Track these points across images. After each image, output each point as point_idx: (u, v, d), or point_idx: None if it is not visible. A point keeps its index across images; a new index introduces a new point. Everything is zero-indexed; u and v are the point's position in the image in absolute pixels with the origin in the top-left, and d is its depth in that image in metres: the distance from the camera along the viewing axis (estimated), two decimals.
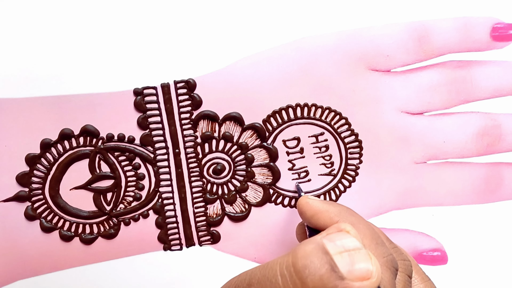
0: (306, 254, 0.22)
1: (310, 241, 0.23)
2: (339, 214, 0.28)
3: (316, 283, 0.22)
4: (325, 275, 0.22)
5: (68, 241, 0.34)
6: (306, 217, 0.29)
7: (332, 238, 0.23)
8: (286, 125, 0.34)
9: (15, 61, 0.32)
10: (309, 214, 0.29)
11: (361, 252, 0.22)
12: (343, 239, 0.23)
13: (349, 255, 0.22)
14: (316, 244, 0.23)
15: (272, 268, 0.23)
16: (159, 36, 0.33)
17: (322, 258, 0.22)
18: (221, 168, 0.35)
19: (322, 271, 0.22)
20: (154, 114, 0.34)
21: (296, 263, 0.22)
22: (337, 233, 0.23)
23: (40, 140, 0.33)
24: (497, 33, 0.35)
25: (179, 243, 0.35)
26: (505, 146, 0.36)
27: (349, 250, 0.22)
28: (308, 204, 0.29)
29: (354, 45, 0.34)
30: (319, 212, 0.28)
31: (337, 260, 0.22)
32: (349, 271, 0.22)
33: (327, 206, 0.28)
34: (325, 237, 0.23)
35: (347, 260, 0.22)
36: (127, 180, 0.34)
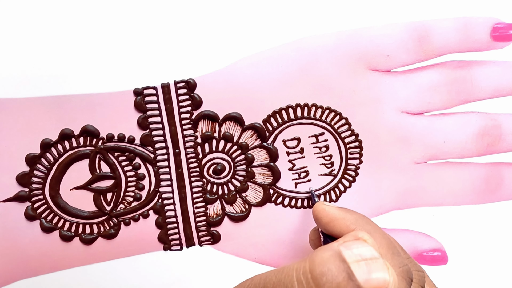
0: (324, 261, 0.22)
1: (327, 248, 0.23)
2: (355, 222, 0.28)
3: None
4: (342, 283, 0.22)
5: (68, 241, 0.34)
6: (322, 223, 0.29)
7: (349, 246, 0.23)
8: (286, 125, 0.34)
9: (15, 61, 0.32)
10: (325, 220, 0.29)
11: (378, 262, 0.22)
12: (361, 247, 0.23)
13: (366, 264, 0.22)
14: (333, 252, 0.23)
15: (288, 273, 0.23)
16: (159, 36, 0.33)
17: (339, 266, 0.22)
18: (221, 168, 0.35)
19: (340, 279, 0.22)
20: (154, 114, 0.34)
21: (314, 270, 0.22)
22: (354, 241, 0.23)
23: (40, 140, 0.33)
24: (497, 33, 0.35)
25: (179, 243, 0.35)
26: (505, 146, 0.36)
27: (366, 259, 0.22)
28: (325, 211, 0.29)
29: (354, 45, 0.34)
30: (336, 219, 0.28)
31: (354, 268, 0.22)
32: (366, 280, 0.22)
33: (343, 214, 0.28)
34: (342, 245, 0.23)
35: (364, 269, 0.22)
36: (127, 180, 0.34)
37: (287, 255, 0.35)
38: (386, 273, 0.22)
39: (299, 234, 0.35)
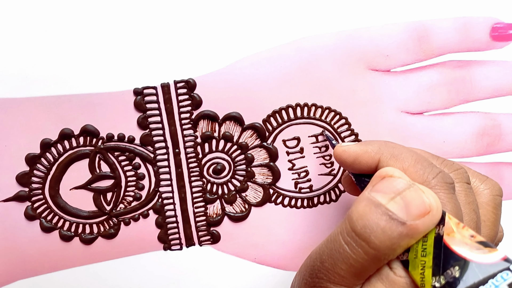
0: (361, 214, 0.22)
1: (360, 200, 0.23)
2: (378, 150, 0.27)
3: (380, 238, 0.22)
4: (387, 226, 0.21)
5: (68, 241, 0.34)
6: (348, 165, 0.28)
7: (378, 188, 0.23)
8: (286, 125, 0.34)
9: (15, 61, 0.32)
10: (349, 161, 0.27)
11: (412, 190, 0.22)
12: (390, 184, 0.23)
13: (401, 198, 0.22)
14: (366, 201, 0.23)
15: (336, 239, 0.23)
16: (159, 36, 0.33)
17: (376, 211, 0.22)
18: (221, 168, 0.35)
19: (382, 224, 0.22)
20: (154, 114, 0.34)
21: (355, 227, 0.22)
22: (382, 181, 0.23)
23: (40, 140, 0.33)
24: (496, 33, 0.35)
25: (179, 243, 0.35)
26: (505, 146, 0.36)
27: (400, 193, 0.22)
28: (345, 152, 0.28)
29: (353, 45, 0.34)
30: (359, 155, 0.27)
31: (391, 207, 0.22)
32: (408, 213, 0.21)
33: (364, 147, 0.27)
34: (372, 190, 0.23)
35: (401, 203, 0.22)
36: (127, 180, 0.34)
37: (287, 255, 0.35)
38: (423, 197, 0.22)
39: (299, 234, 0.35)
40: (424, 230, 0.22)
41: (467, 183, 0.26)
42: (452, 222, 0.22)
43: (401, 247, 0.22)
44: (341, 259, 0.23)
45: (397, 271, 0.23)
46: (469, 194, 0.26)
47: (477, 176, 0.28)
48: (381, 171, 0.24)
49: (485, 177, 0.28)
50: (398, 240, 0.22)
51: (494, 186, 0.28)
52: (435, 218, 0.22)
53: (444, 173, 0.25)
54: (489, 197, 0.27)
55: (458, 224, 0.22)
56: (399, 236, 0.21)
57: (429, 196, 0.22)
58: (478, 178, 0.28)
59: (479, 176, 0.28)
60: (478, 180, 0.28)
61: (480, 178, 0.28)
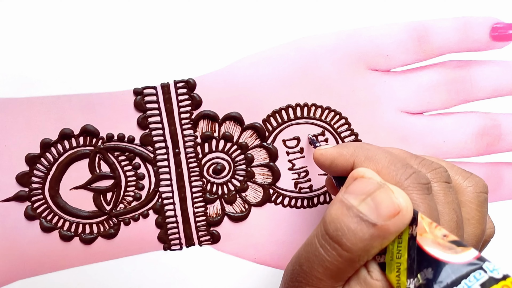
0: (333, 217, 0.22)
1: (333, 202, 0.23)
2: (353, 153, 0.27)
3: (352, 240, 0.21)
4: (358, 228, 0.21)
5: (68, 241, 0.34)
6: (326, 167, 0.28)
7: (351, 190, 0.23)
8: (286, 125, 0.34)
9: (15, 61, 0.32)
10: (327, 164, 0.28)
11: (382, 190, 0.22)
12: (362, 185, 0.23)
13: (372, 199, 0.22)
14: (339, 203, 0.23)
15: (312, 242, 0.23)
16: (159, 36, 0.33)
17: (348, 214, 0.22)
18: (221, 168, 0.35)
19: (353, 226, 0.22)
20: (154, 114, 0.34)
21: (328, 230, 0.22)
22: (354, 182, 0.23)
23: (40, 140, 0.33)
24: (496, 33, 0.35)
25: (179, 243, 0.35)
26: (505, 146, 0.36)
27: (370, 194, 0.22)
28: (323, 155, 0.28)
29: (353, 45, 0.34)
30: (335, 158, 0.27)
31: (362, 209, 0.22)
32: (378, 214, 0.21)
33: (340, 150, 0.27)
34: (345, 192, 0.23)
35: (372, 205, 0.22)
36: (127, 180, 0.34)
37: (287, 255, 0.35)
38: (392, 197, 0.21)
39: (299, 234, 0.35)
40: (395, 231, 0.21)
41: (446, 182, 0.26)
42: (424, 222, 0.21)
43: (374, 248, 0.22)
44: (317, 262, 0.23)
45: (373, 274, 0.23)
46: (448, 194, 0.25)
47: (460, 173, 0.28)
48: (354, 172, 0.24)
49: (469, 173, 0.28)
50: (370, 242, 0.21)
51: (477, 183, 0.27)
52: (405, 218, 0.21)
53: (418, 174, 0.24)
54: (472, 195, 0.27)
55: (430, 224, 0.22)
56: (371, 237, 0.21)
57: (398, 196, 0.22)
58: (462, 175, 0.27)
59: (462, 173, 0.28)
60: (461, 177, 0.27)
61: (463, 175, 0.27)
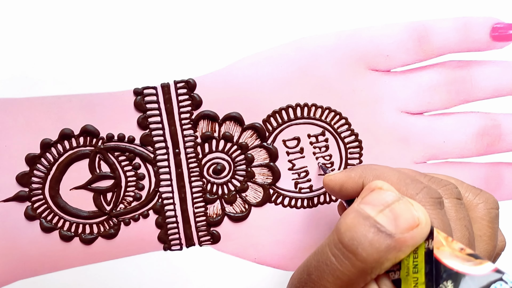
0: (348, 226, 0.22)
1: (348, 212, 0.23)
2: (361, 174, 0.27)
3: (368, 250, 0.21)
4: (374, 239, 0.21)
5: (68, 241, 0.34)
6: (336, 192, 0.28)
7: (367, 200, 0.23)
8: (286, 125, 0.34)
9: (15, 61, 0.32)
10: (336, 189, 0.28)
11: (401, 202, 0.22)
12: (379, 196, 0.22)
13: (390, 210, 0.22)
14: (355, 213, 0.22)
15: (323, 251, 0.23)
16: (159, 36, 0.33)
17: (365, 223, 0.22)
18: (221, 168, 0.35)
19: (370, 236, 0.21)
20: (154, 114, 0.34)
21: (343, 239, 0.22)
22: (371, 193, 0.23)
23: (40, 140, 0.33)
24: (496, 33, 0.35)
25: (179, 243, 0.35)
26: (505, 146, 0.36)
27: (388, 205, 0.22)
28: (332, 180, 0.28)
29: (354, 45, 0.34)
30: (344, 182, 0.27)
31: (380, 219, 0.22)
32: (396, 226, 0.21)
33: (348, 173, 0.27)
34: (361, 202, 0.23)
35: (390, 216, 0.22)
36: (127, 180, 0.34)
37: (287, 255, 0.35)
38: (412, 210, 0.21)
39: (299, 234, 0.35)
40: (412, 244, 0.21)
41: (458, 198, 0.26)
42: (440, 236, 0.22)
43: (388, 260, 0.22)
44: (328, 271, 0.22)
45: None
46: (459, 210, 0.25)
47: (470, 190, 0.28)
48: (371, 184, 0.24)
49: (479, 190, 0.28)
50: (385, 253, 0.21)
51: (488, 199, 0.27)
52: (423, 231, 0.21)
53: (429, 188, 0.24)
54: (484, 211, 0.27)
55: (446, 238, 0.22)
56: (387, 249, 0.21)
57: (418, 209, 0.22)
58: (472, 191, 0.28)
59: (472, 190, 0.28)
60: (472, 194, 0.28)
61: (474, 192, 0.28)
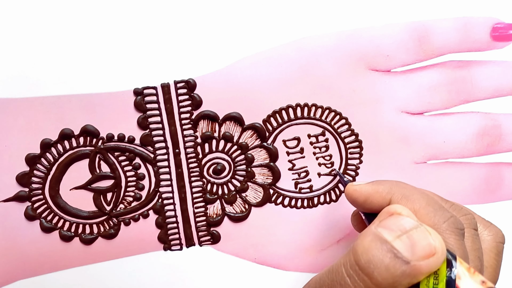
0: (366, 249, 0.22)
1: (366, 234, 0.23)
2: (390, 190, 0.27)
3: (383, 274, 0.22)
4: (390, 264, 0.22)
5: (68, 241, 0.34)
6: (359, 204, 0.28)
7: (386, 224, 0.23)
8: (286, 125, 0.34)
9: (15, 61, 0.32)
10: (360, 200, 0.28)
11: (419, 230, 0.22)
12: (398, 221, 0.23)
13: (408, 237, 0.22)
14: (373, 235, 0.23)
15: (338, 271, 0.23)
16: (159, 36, 0.33)
17: (382, 248, 0.22)
18: (221, 168, 0.35)
19: (386, 261, 0.22)
20: (154, 114, 0.34)
21: (359, 261, 0.22)
22: (389, 218, 0.23)
23: (40, 140, 0.33)
24: (497, 33, 0.35)
25: (179, 243, 0.35)
26: (505, 146, 0.36)
27: (406, 232, 0.22)
28: (357, 191, 0.28)
29: (354, 45, 0.34)
30: (370, 195, 0.27)
31: (397, 245, 0.22)
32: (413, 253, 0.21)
33: (376, 187, 0.27)
34: (379, 225, 0.23)
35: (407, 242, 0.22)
36: (127, 180, 0.34)
37: (287, 256, 0.35)
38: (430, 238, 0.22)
39: (299, 234, 0.35)
40: (427, 272, 0.22)
41: (475, 229, 0.26)
42: (463, 266, 0.22)
43: (401, 285, 0.22)
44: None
45: None
46: (475, 241, 0.26)
47: (481, 222, 0.28)
48: (390, 208, 0.24)
49: (489, 223, 0.28)
50: (400, 279, 0.22)
51: (497, 233, 0.28)
52: (439, 260, 0.22)
53: (455, 218, 0.25)
54: (492, 244, 0.27)
55: (469, 269, 0.22)
56: (402, 274, 0.21)
57: (435, 238, 0.22)
58: (483, 224, 0.28)
59: (483, 222, 0.28)
60: (482, 226, 0.28)
61: (484, 224, 0.28)
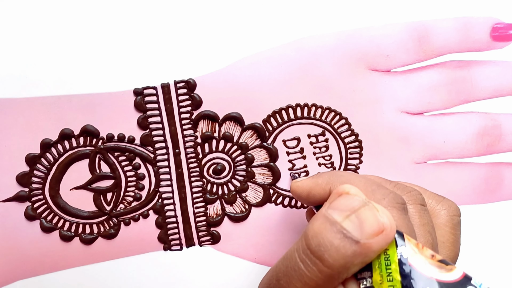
0: (316, 232, 0.22)
1: (316, 217, 0.23)
2: (328, 181, 0.27)
3: (334, 256, 0.21)
4: (340, 245, 0.21)
5: (68, 241, 0.34)
6: (303, 198, 0.28)
7: (335, 205, 0.23)
8: (286, 125, 0.34)
9: (15, 61, 0.32)
10: (304, 195, 0.28)
11: (367, 208, 0.22)
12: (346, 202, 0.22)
13: (356, 216, 0.22)
14: (322, 218, 0.22)
15: (292, 257, 0.23)
16: (159, 36, 0.33)
17: (331, 229, 0.22)
18: (221, 168, 0.35)
19: (336, 242, 0.21)
20: (154, 114, 0.34)
21: (310, 245, 0.22)
22: (338, 199, 0.23)
23: (40, 140, 0.33)
24: (497, 33, 0.35)
25: (179, 243, 0.35)
26: (505, 146, 0.36)
27: (355, 211, 0.22)
28: (299, 187, 0.28)
29: (354, 45, 0.34)
30: (311, 189, 0.27)
31: (346, 225, 0.22)
32: (362, 232, 0.21)
33: (315, 180, 0.27)
34: (329, 207, 0.23)
35: (356, 221, 0.22)
36: (127, 180, 0.34)
37: None
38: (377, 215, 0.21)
39: (299, 234, 0.35)
40: (378, 249, 0.21)
41: (422, 204, 0.26)
42: (412, 243, 0.22)
43: (355, 265, 0.22)
44: (296, 277, 0.22)
45: None
46: (423, 216, 0.25)
47: (433, 198, 0.28)
48: (339, 188, 0.24)
49: (442, 197, 0.28)
50: (351, 259, 0.21)
51: (450, 206, 0.28)
52: (389, 237, 0.21)
53: (395, 194, 0.25)
54: (446, 218, 0.27)
55: (417, 244, 0.22)
56: (353, 254, 0.21)
57: (383, 215, 0.22)
58: (435, 199, 0.28)
59: (435, 197, 0.28)
60: (435, 201, 0.28)
61: (437, 199, 0.28)
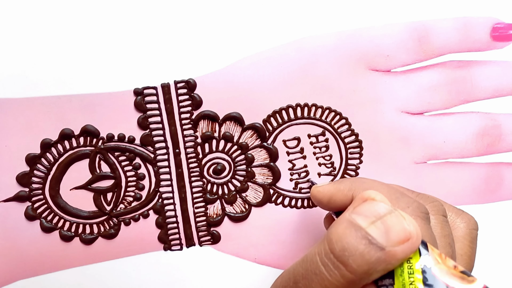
0: (340, 236, 0.22)
1: (340, 221, 0.23)
2: (351, 187, 0.27)
3: (358, 261, 0.21)
4: (365, 251, 0.21)
5: (68, 241, 0.34)
6: (324, 204, 0.28)
7: (359, 211, 0.23)
8: (286, 125, 0.34)
9: (15, 61, 0.32)
10: (325, 201, 0.28)
11: (393, 215, 0.22)
12: (371, 208, 0.22)
13: (382, 223, 0.22)
14: (347, 222, 0.22)
15: (313, 260, 0.23)
16: (159, 36, 0.33)
17: (356, 234, 0.22)
18: (221, 168, 0.35)
19: (361, 248, 0.21)
20: (154, 114, 0.34)
21: (334, 249, 0.22)
22: (363, 204, 0.23)
23: (40, 140, 0.33)
24: (497, 33, 0.35)
25: (179, 243, 0.35)
26: (505, 146, 0.36)
27: (380, 217, 0.22)
28: (320, 192, 0.28)
29: (354, 45, 0.34)
30: (333, 194, 0.27)
31: (371, 231, 0.21)
32: (387, 239, 0.21)
33: (337, 186, 0.27)
34: (353, 212, 0.23)
35: (382, 228, 0.21)
36: (127, 180, 0.34)
37: (287, 255, 0.35)
38: (404, 223, 0.21)
39: (299, 234, 0.35)
40: (402, 258, 0.21)
41: (443, 215, 0.26)
42: (435, 253, 0.22)
43: (377, 272, 0.22)
44: (316, 280, 0.22)
45: None
46: (445, 227, 0.26)
47: (452, 210, 0.28)
48: (364, 194, 0.23)
49: (461, 211, 0.28)
50: (375, 265, 0.21)
51: (470, 220, 0.28)
52: (414, 246, 0.21)
53: (418, 203, 0.25)
54: (465, 231, 0.27)
55: (440, 254, 0.22)
56: (377, 261, 0.21)
57: (410, 223, 0.21)
58: (454, 212, 0.28)
59: (454, 210, 0.28)
60: (454, 214, 0.28)
61: (456, 212, 0.28)
